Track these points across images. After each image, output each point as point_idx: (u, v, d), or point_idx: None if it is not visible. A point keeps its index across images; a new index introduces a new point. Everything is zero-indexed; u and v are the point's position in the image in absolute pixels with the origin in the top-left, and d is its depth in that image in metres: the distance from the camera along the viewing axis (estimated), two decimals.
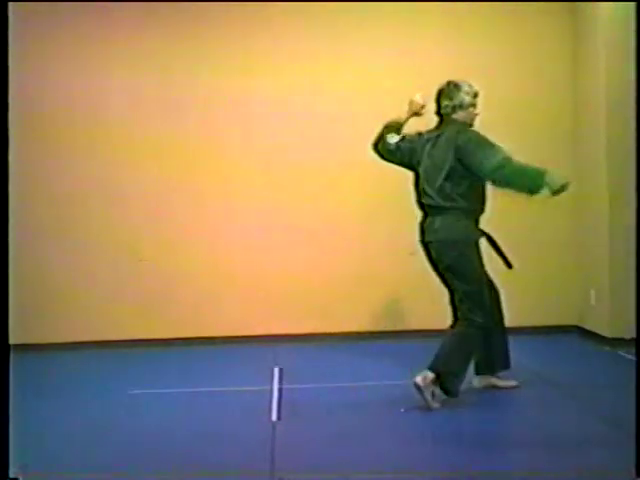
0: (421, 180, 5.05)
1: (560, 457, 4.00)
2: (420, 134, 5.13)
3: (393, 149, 5.12)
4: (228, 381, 5.72)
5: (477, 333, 4.93)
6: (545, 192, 4.70)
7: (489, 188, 5.05)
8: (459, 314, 4.96)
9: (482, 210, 5.04)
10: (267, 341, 6.90)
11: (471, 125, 5.04)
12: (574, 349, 6.70)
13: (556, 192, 4.68)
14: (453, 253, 4.90)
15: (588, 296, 6.91)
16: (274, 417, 4.78)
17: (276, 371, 5.90)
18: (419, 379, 4.80)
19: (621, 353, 6.28)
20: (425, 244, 5.04)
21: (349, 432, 4.49)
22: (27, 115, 6.70)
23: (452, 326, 5.03)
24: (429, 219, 5.00)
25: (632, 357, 6.11)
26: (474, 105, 5.03)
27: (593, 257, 6.89)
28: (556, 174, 4.69)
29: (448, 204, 4.90)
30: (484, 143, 4.82)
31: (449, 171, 4.88)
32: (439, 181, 4.91)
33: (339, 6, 7.03)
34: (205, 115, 7.09)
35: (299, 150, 7.10)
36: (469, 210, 4.93)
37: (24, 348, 6.30)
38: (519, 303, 7.09)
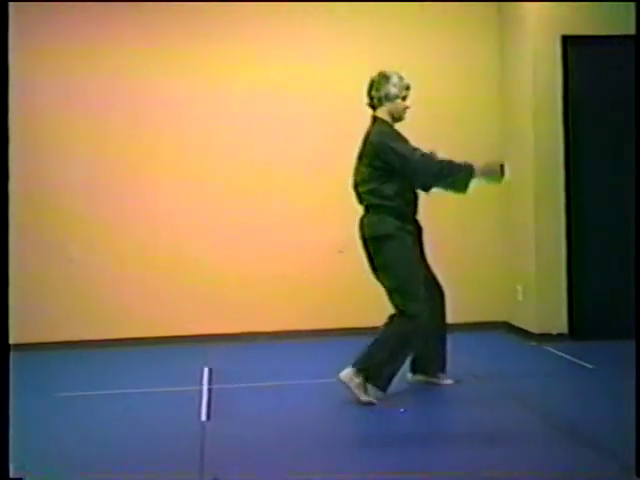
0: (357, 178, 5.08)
1: (501, 452, 4.02)
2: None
3: None
4: (158, 382, 5.64)
5: (409, 324, 4.86)
6: (476, 182, 4.82)
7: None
8: (395, 309, 4.92)
9: (409, 209, 5.02)
10: (197, 341, 6.84)
11: (400, 118, 5.02)
12: (503, 345, 6.79)
13: (492, 178, 4.91)
14: (377, 249, 4.92)
15: (516, 292, 7.01)
16: (203, 417, 4.74)
17: (206, 371, 5.85)
18: (343, 374, 4.85)
19: (548, 348, 6.39)
20: (363, 240, 5.05)
21: (279, 431, 4.47)
22: None
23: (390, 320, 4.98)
24: (363, 215, 5.04)
25: (559, 352, 6.23)
26: (403, 97, 4.99)
27: (520, 254, 6.98)
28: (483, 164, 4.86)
29: (374, 202, 4.94)
30: (400, 143, 4.89)
31: (371, 171, 4.92)
32: (366, 180, 4.96)
33: (275, 6, 7.01)
34: (134, 114, 7.00)
35: (228, 148, 7.05)
36: (392, 208, 4.92)
37: None
38: (448, 299, 7.17)
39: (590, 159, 6.63)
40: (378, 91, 4.96)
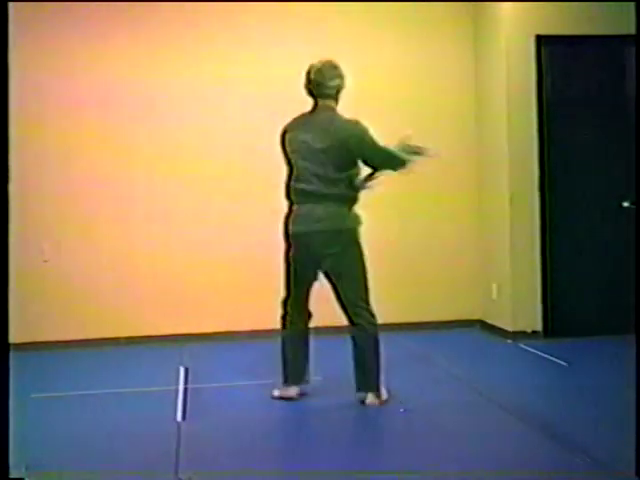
0: (300, 167, 4.79)
1: (475, 450, 4.04)
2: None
3: None
4: (132, 382, 5.61)
5: (373, 321, 4.79)
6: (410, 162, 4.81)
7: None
8: (357, 312, 4.78)
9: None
10: (173, 340, 6.82)
11: None
12: (477, 343, 6.81)
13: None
14: (353, 242, 4.75)
15: (490, 291, 7.04)
16: (179, 417, 4.72)
17: (181, 371, 5.83)
18: (369, 402, 4.75)
19: (522, 346, 6.42)
20: (298, 234, 4.88)
21: (254, 431, 4.47)
22: None
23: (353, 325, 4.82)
24: (306, 206, 4.78)
25: (533, 350, 6.26)
26: None
27: (495, 253, 7.01)
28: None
29: (333, 191, 4.67)
30: (372, 138, 4.72)
31: (335, 159, 4.65)
32: (322, 168, 4.67)
33: (241, 5, 7.01)
34: (107, 112, 6.96)
35: (207, 150, 7.03)
36: (353, 198, 4.75)
37: None
38: (423, 298, 7.20)
39: (564, 158, 6.67)
40: (333, 80, 4.69)
